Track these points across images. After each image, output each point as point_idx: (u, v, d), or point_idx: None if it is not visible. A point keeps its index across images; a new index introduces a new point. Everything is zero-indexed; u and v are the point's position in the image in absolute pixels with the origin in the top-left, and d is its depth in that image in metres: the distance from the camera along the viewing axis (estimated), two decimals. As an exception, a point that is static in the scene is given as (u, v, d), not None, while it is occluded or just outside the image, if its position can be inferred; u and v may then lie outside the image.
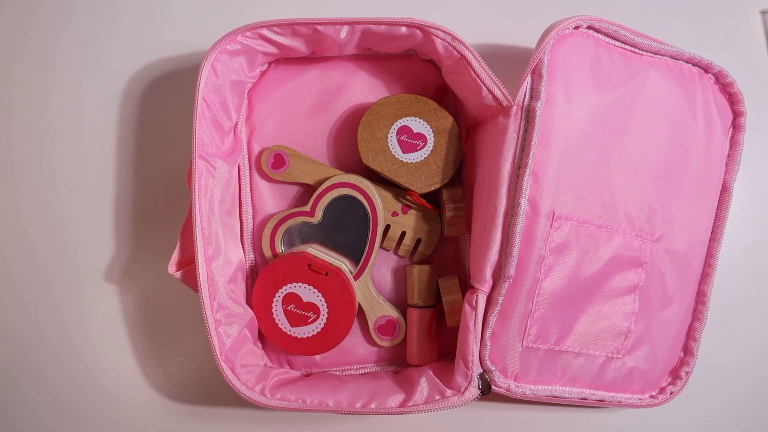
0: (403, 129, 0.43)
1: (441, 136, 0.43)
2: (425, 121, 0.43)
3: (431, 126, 0.43)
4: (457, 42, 0.40)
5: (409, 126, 0.43)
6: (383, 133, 0.43)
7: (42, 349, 0.48)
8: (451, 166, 0.44)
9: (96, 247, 0.49)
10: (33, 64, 0.50)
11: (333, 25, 0.40)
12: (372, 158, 0.43)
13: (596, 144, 0.41)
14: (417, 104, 0.43)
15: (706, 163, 0.44)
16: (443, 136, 0.43)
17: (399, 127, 0.43)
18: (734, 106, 0.45)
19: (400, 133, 0.43)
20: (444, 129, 0.43)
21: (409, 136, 0.43)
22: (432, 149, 0.43)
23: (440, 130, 0.43)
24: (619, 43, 0.42)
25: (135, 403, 0.48)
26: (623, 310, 0.43)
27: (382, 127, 0.43)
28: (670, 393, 0.45)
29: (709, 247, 0.46)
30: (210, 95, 0.41)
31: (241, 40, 0.40)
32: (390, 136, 0.43)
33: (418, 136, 0.43)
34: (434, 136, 0.43)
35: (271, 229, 0.45)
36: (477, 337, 0.40)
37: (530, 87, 0.40)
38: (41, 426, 0.48)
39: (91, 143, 0.49)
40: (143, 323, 0.48)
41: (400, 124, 0.43)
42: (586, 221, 0.41)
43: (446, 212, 0.45)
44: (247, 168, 0.46)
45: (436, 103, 0.44)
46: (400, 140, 0.43)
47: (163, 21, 0.50)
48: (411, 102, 0.43)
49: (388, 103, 0.43)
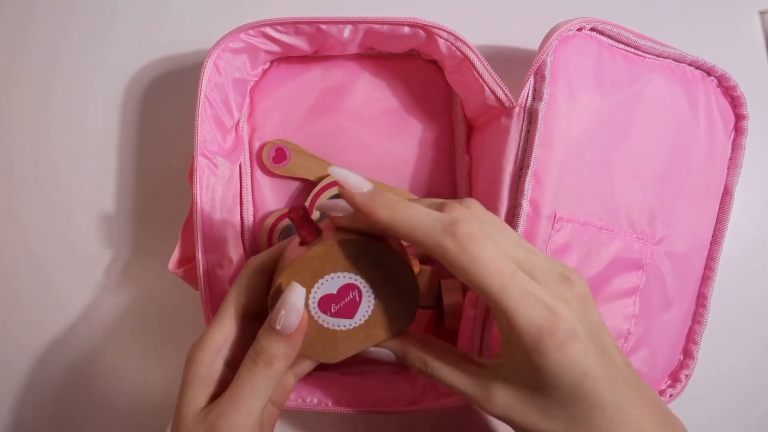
0: (324, 302, 0.31)
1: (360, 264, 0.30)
2: (330, 273, 0.30)
3: (341, 270, 0.30)
4: (461, 42, 0.40)
5: (326, 294, 0.30)
6: (311, 325, 0.31)
7: (41, 349, 0.48)
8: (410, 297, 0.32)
9: (96, 245, 0.49)
10: (33, 64, 0.50)
11: (336, 24, 0.40)
12: (335, 352, 0.32)
13: (598, 146, 0.41)
14: (305, 270, 0.30)
15: (708, 166, 0.44)
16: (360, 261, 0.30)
17: (318, 305, 0.31)
18: (736, 110, 0.46)
19: (325, 309, 0.31)
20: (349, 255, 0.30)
21: (335, 301, 0.31)
22: (372, 291, 0.31)
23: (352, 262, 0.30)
24: (623, 46, 0.42)
25: (135, 403, 0.48)
26: (623, 312, 0.43)
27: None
28: (670, 396, 0.45)
29: (710, 250, 0.46)
30: (212, 93, 0.41)
31: (244, 38, 0.40)
32: (321, 320, 0.31)
33: (344, 292, 0.31)
34: (354, 273, 0.30)
35: (269, 227, 0.45)
36: (477, 339, 0.40)
37: (533, 88, 0.40)
38: (40, 425, 0.48)
39: (91, 142, 0.49)
40: (143, 322, 0.48)
41: (316, 301, 0.30)
42: (588, 223, 0.41)
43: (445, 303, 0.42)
44: (249, 166, 0.46)
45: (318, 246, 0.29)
46: (333, 314, 0.31)
47: (164, 20, 0.50)
48: (299, 273, 0.30)
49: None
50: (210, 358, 0.31)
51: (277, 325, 0.29)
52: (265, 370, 0.30)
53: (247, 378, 0.30)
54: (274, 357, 0.30)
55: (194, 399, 0.31)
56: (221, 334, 0.32)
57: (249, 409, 0.30)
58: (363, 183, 0.28)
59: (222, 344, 0.32)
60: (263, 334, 0.30)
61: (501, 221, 0.31)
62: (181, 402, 0.31)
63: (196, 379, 0.31)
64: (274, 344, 0.29)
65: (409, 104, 0.46)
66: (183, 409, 0.31)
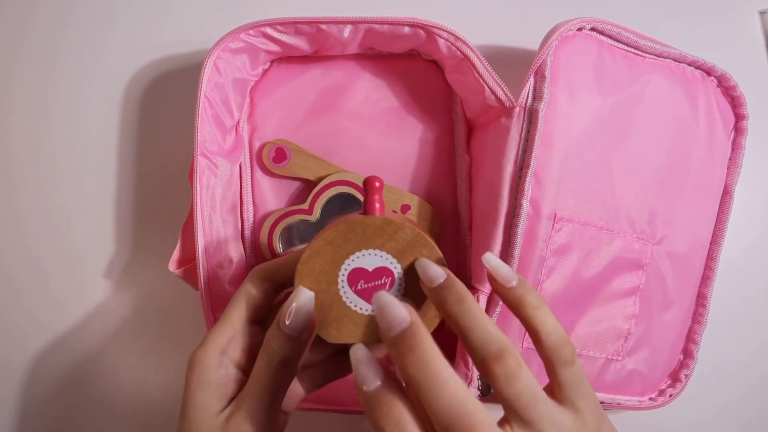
0: (354, 274, 0.30)
1: (409, 255, 0.30)
2: (377, 249, 0.30)
3: (388, 250, 0.30)
4: (461, 42, 0.40)
5: (361, 267, 0.30)
6: (332, 290, 0.30)
7: (41, 349, 0.48)
8: None
9: (96, 245, 0.48)
10: (33, 64, 0.50)
11: (336, 24, 0.40)
12: (336, 332, 0.31)
13: (598, 146, 0.41)
14: (353, 233, 0.29)
15: (708, 166, 0.44)
16: (412, 251, 0.30)
17: (348, 275, 0.30)
18: (736, 110, 0.46)
19: (352, 283, 0.30)
20: (406, 241, 0.30)
21: (366, 279, 0.30)
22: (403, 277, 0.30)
23: (402, 249, 0.30)
24: (623, 46, 0.42)
25: (135, 403, 0.48)
26: (623, 312, 0.43)
27: (325, 285, 0.30)
28: (670, 395, 0.46)
29: (710, 250, 0.46)
30: (212, 93, 0.41)
31: (244, 38, 0.40)
32: (342, 291, 0.30)
33: (378, 274, 0.30)
34: (397, 261, 0.30)
35: (268, 227, 0.45)
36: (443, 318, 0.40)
37: (533, 88, 0.40)
38: (40, 425, 0.48)
39: (91, 142, 0.49)
40: (143, 322, 0.48)
41: (347, 270, 0.30)
42: (588, 223, 0.41)
43: None
44: (249, 166, 0.46)
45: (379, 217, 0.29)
46: (357, 291, 0.30)
47: (164, 20, 0.50)
48: (344, 234, 0.29)
49: (318, 252, 0.30)
50: (215, 360, 0.31)
51: (285, 324, 0.29)
52: (280, 371, 0.30)
53: (264, 380, 0.30)
54: (288, 358, 0.30)
55: (207, 402, 0.30)
56: (224, 336, 0.31)
57: (270, 410, 0.30)
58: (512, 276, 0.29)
59: (226, 346, 0.31)
60: (274, 336, 0.29)
61: None
62: (191, 406, 0.30)
63: (205, 382, 0.31)
64: (286, 346, 0.29)
65: (409, 104, 0.46)
66: (194, 414, 0.30)
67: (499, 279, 0.29)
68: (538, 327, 0.28)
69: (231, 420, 0.30)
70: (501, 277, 0.29)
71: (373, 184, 0.30)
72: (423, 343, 0.25)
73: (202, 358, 0.31)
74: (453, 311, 0.27)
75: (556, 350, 0.28)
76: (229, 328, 0.32)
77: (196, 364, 0.31)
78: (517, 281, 0.29)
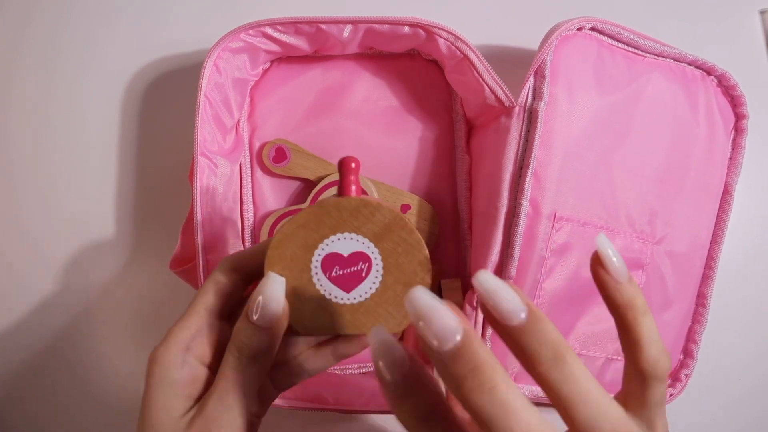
0: (328, 260, 0.28)
1: (387, 239, 0.27)
2: (353, 232, 0.27)
3: (364, 234, 0.27)
4: (460, 42, 0.40)
5: (335, 252, 0.28)
6: (304, 278, 0.28)
7: (42, 349, 0.48)
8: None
9: (96, 245, 0.48)
10: (33, 64, 0.50)
11: (336, 24, 0.40)
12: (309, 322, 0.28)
13: (598, 145, 0.41)
14: (327, 216, 0.27)
15: (708, 166, 0.44)
16: (390, 235, 0.27)
17: (322, 261, 0.28)
18: (736, 109, 0.46)
19: (327, 269, 0.28)
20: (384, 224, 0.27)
21: (341, 265, 0.28)
22: (380, 275, 0.28)
23: (380, 233, 0.27)
24: (622, 45, 0.42)
25: (135, 402, 0.48)
26: (624, 312, 0.43)
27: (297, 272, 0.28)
28: (670, 395, 0.45)
29: (710, 250, 0.46)
30: (212, 93, 0.41)
31: (244, 38, 0.40)
32: (315, 278, 0.28)
33: (354, 259, 0.28)
34: (375, 245, 0.27)
35: (269, 227, 0.45)
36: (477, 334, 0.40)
37: (533, 88, 0.40)
38: (40, 425, 0.48)
39: (91, 142, 0.49)
40: (143, 322, 0.48)
41: (321, 255, 0.28)
42: (588, 222, 0.41)
43: None
44: (249, 166, 0.46)
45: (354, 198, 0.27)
46: (332, 278, 0.28)
47: (164, 20, 0.50)
48: (318, 216, 0.27)
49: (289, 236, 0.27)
50: (178, 357, 0.28)
51: (254, 316, 0.26)
52: (250, 366, 0.27)
53: (232, 376, 0.27)
54: (259, 352, 0.27)
55: (168, 404, 0.27)
56: (187, 330, 0.28)
57: (240, 410, 0.27)
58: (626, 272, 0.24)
59: (191, 341, 0.28)
60: (243, 328, 0.27)
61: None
62: (151, 408, 0.27)
63: (166, 382, 0.28)
64: (256, 338, 0.27)
65: (409, 104, 0.46)
66: (154, 416, 0.27)
67: (612, 271, 0.24)
68: (641, 335, 0.24)
69: (195, 422, 0.27)
70: (614, 269, 0.24)
71: (349, 165, 0.28)
72: (485, 365, 0.20)
73: (163, 354, 0.28)
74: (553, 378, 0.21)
75: (655, 364, 0.24)
76: (194, 321, 0.29)
77: (156, 362, 0.28)
78: (629, 278, 0.24)
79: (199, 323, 0.29)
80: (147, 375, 0.28)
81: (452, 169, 0.46)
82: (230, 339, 0.27)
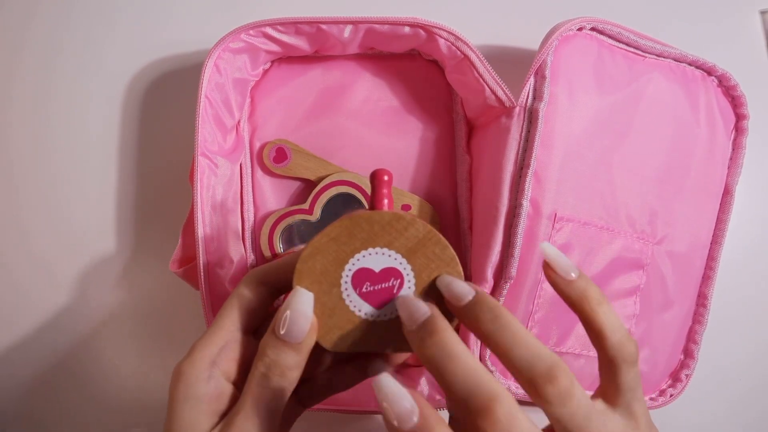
0: (359, 275, 0.27)
1: (420, 255, 0.27)
2: (384, 247, 0.27)
3: (397, 249, 0.27)
4: (461, 42, 0.40)
5: (366, 268, 0.27)
6: (334, 293, 0.27)
7: (42, 349, 0.48)
8: None
9: (97, 245, 0.48)
10: (33, 64, 0.50)
11: (336, 24, 0.40)
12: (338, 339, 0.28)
13: (598, 145, 0.41)
14: (359, 229, 0.27)
15: (708, 166, 0.44)
16: (424, 251, 0.27)
17: (353, 276, 0.27)
18: (737, 109, 0.46)
19: (357, 284, 0.27)
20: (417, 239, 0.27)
21: (372, 281, 0.28)
22: (414, 280, 0.27)
23: (413, 248, 0.27)
24: (623, 45, 0.42)
25: (135, 402, 0.48)
26: (624, 312, 0.43)
27: (327, 286, 0.27)
28: (670, 395, 0.45)
29: (711, 250, 0.46)
30: (213, 93, 0.41)
31: (244, 38, 0.40)
32: (345, 293, 0.28)
33: (386, 275, 0.28)
34: (407, 261, 0.27)
35: (269, 227, 0.45)
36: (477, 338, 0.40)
37: (533, 88, 0.40)
38: (41, 425, 0.48)
39: (91, 142, 0.49)
40: (143, 322, 0.48)
41: (351, 270, 0.27)
42: (588, 223, 0.41)
43: None
44: (249, 166, 0.46)
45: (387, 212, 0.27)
46: (362, 294, 0.28)
47: (164, 20, 0.50)
48: (349, 230, 0.27)
49: (320, 250, 0.27)
50: (204, 372, 0.27)
51: (282, 330, 0.26)
52: (278, 383, 0.27)
53: (259, 393, 0.26)
54: (287, 368, 0.26)
55: (195, 419, 0.27)
56: (213, 345, 0.28)
57: (267, 427, 0.26)
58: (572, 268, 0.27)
59: (216, 356, 0.28)
60: (270, 344, 0.26)
61: None
62: (177, 424, 0.27)
63: (193, 397, 0.27)
64: (284, 355, 0.26)
65: (409, 104, 0.46)
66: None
67: (559, 270, 0.27)
68: (602, 324, 0.26)
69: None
70: (561, 268, 0.27)
71: (381, 178, 0.28)
72: (442, 329, 0.24)
73: (189, 369, 0.27)
74: (489, 330, 0.24)
75: (621, 349, 0.26)
76: (221, 337, 0.28)
77: (181, 377, 0.27)
78: (578, 273, 0.27)
79: (224, 338, 0.28)
80: (171, 389, 0.28)
81: (452, 170, 0.46)
82: (256, 354, 0.27)
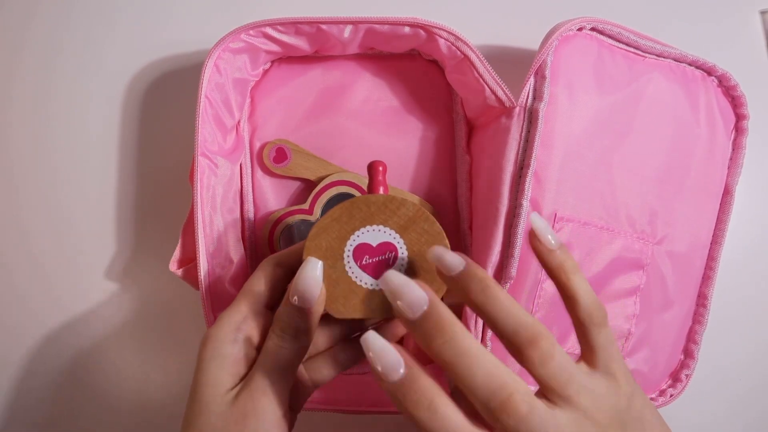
0: (359, 249, 0.31)
1: (411, 230, 0.31)
2: (380, 224, 0.31)
3: (391, 226, 0.31)
4: (461, 42, 0.40)
5: (365, 243, 0.31)
6: (338, 266, 0.31)
7: (42, 348, 0.48)
8: None
9: (97, 245, 0.48)
10: (33, 64, 0.50)
11: (336, 24, 0.40)
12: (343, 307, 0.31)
13: (598, 145, 0.41)
14: (358, 210, 0.31)
15: (708, 166, 0.44)
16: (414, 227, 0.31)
17: (353, 250, 0.31)
18: (737, 109, 0.46)
19: (357, 258, 0.31)
20: (408, 217, 0.31)
21: (370, 254, 0.31)
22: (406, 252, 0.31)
23: (405, 224, 0.31)
24: (623, 45, 0.42)
25: (135, 402, 0.48)
26: (624, 312, 0.43)
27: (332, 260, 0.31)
28: (670, 395, 0.45)
29: (711, 250, 0.46)
30: (213, 93, 0.41)
31: (244, 38, 0.40)
32: (348, 266, 0.31)
33: (382, 249, 0.31)
34: (400, 236, 0.31)
35: (269, 227, 0.45)
36: (477, 338, 0.40)
37: (533, 88, 0.40)
38: (40, 425, 0.48)
39: (91, 142, 0.49)
40: (144, 322, 0.48)
41: (352, 245, 0.31)
42: (588, 223, 0.41)
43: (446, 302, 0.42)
44: (249, 166, 0.46)
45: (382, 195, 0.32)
46: (362, 266, 0.31)
47: (164, 20, 0.50)
48: (349, 211, 0.31)
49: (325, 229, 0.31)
50: (229, 335, 0.31)
51: (294, 297, 0.29)
52: (292, 344, 0.30)
53: (276, 354, 0.30)
54: (299, 330, 0.30)
55: (219, 377, 0.30)
56: (238, 314, 0.31)
57: (285, 383, 0.30)
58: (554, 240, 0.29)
59: (241, 323, 0.31)
60: (285, 311, 0.30)
61: None
62: (202, 382, 0.30)
63: (219, 356, 0.30)
64: (296, 318, 0.30)
65: (409, 104, 0.46)
66: (205, 391, 0.30)
67: (543, 240, 0.29)
68: (575, 290, 0.28)
69: (241, 395, 0.29)
70: (545, 239, 0.29)
71: (377, 168, 0.34)
72: (449, 323, 0.25)
73: (216, 332, 0.31)
74: (478, 300, 0.26)
75: (590, 312, 0.28)
76: (245, 306, 0.32)
77: (209, 339, 0.31)
78: (559, 245, 0.29)
79: (249, 308, 0.32)
80: (200, 351, 0.31)
81: (452, 169, 0.46)
82: (273, 321, 0.31)
